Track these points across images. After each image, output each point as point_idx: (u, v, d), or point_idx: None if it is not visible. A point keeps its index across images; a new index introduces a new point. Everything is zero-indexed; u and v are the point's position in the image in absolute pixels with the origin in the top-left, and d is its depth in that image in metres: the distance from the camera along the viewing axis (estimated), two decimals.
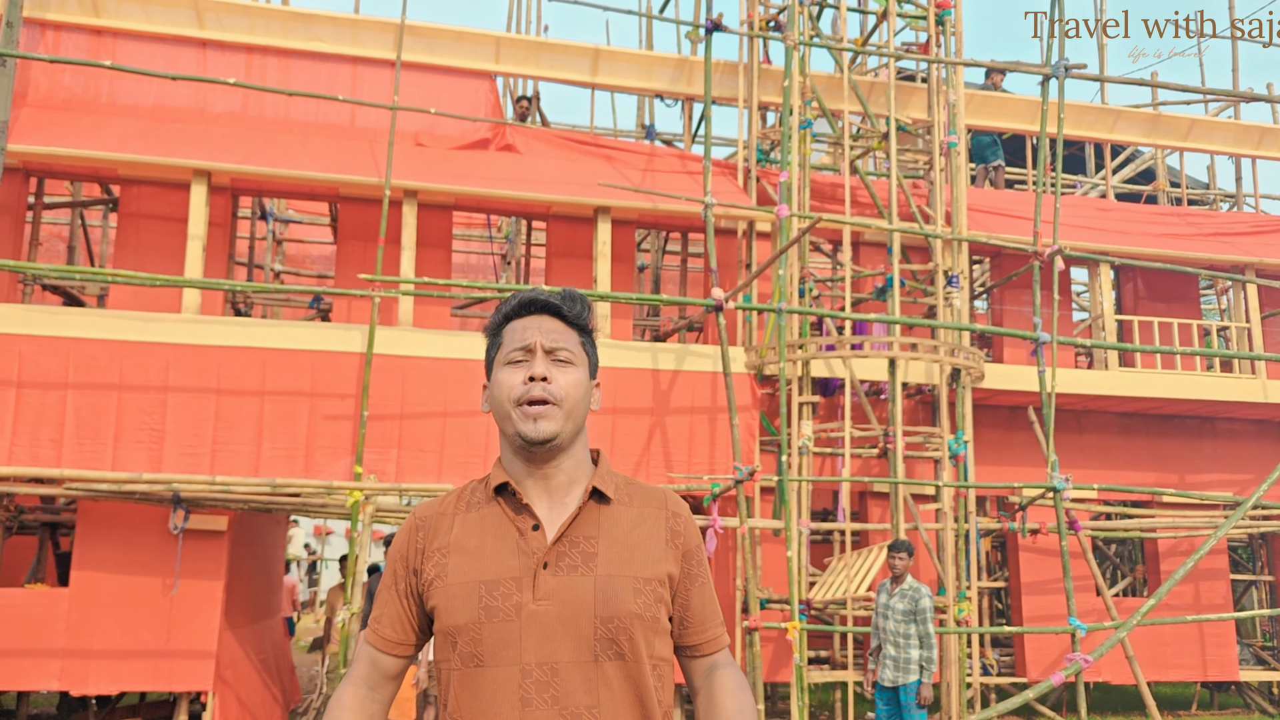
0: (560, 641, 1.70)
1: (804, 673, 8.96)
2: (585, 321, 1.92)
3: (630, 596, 1.74)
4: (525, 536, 1.77)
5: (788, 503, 9.21)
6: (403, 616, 1.85)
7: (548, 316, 1.88)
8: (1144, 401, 12.05)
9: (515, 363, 1.83)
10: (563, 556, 1.75)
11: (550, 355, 1.83)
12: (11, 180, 9.80)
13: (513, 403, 1.80)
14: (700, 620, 1.88)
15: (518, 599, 1.71)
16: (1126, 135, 13.39)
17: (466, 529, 1.81)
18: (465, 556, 1.77)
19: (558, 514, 1.80)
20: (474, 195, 10.29)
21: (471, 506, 1.85)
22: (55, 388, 8.98)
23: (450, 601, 1.74)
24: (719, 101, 11.77)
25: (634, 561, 1.78)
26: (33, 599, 9.19)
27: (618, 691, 1.71)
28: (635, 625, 1.73)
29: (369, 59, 11.02)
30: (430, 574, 1.79)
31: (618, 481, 1.89)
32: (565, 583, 1.73)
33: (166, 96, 10.53)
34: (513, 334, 1.87)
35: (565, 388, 1.81)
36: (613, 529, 1.80)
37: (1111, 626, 10.03)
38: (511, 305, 1.90)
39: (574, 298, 1.92)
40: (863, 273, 11.23)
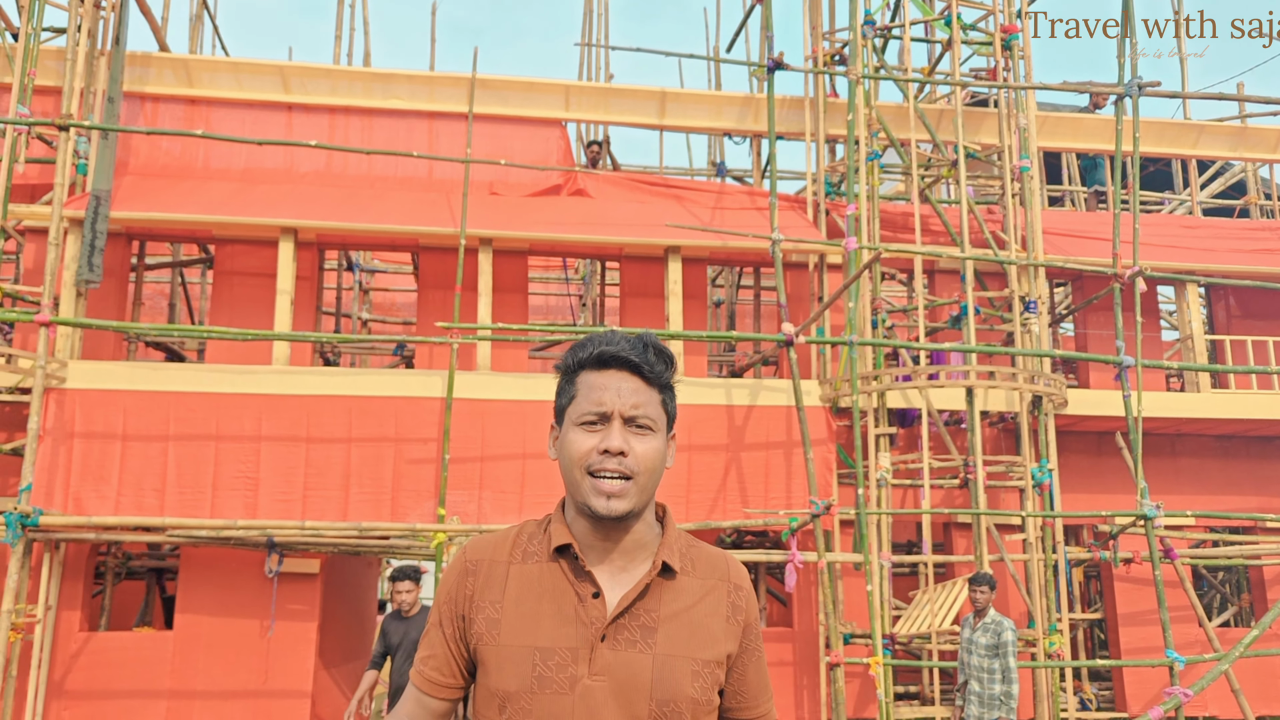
0: (612, 719, 1.63)
1: (889, 709, 8.85)
2: (668, 380, 1.78)
3: (688, 680, 1.67)
4: (585, 604, 1.68)
5: (866, 536, 9.15)
6: (450, 660, 1.77)
7: (627, 373, 1.73)
8: (1241, 423, 11.64)
9: (590, 424, 1.70)
10: (622, 630, 1.67)
11: (629, 423, 1.71)
12: (115, 244, 10.41)
13: (584, 470, 1.69)
14: (755, 696, 1.81)
15: (573, 671, 1.64)
16: (1211, 150, 13.05)
17: (524, 585, 1.72)
18: (520, 617, 1.69)
19: (621, 581, 1.71)
20: (547, 240, 10.57)
21: (528, 557, 1.76)
22: (158, 439, 9.46)
23: (502, 664, 1.67)
24: (786, 137, 11.88)
25: (694, 641, 1.70)
26: (141, 642, 9.64)
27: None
28: (689, 709, 1.67)
29: (445, 113, 11.43)
30: (481, 627, 1.72)
31: (682, 546, 1.79)
32: (623, 659, 1.65)
33: (256, 159, 11.08)
34: (588, 390, 1.73)
35: (643, 460, 1.70)
36: (674, 603, 1.72)
37: (1214, 659, 9.66)
38: (590, 355, 1.75)
39: (657, 352, 1.77)
40: (936, 301, 11.14)
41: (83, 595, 9.56)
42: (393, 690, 7.05)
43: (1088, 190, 13.88)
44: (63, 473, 9.22)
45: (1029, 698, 9.87)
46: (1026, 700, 9.93)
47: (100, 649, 9.41)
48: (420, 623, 7.04)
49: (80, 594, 9.51)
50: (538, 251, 11.22)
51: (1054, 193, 15.68)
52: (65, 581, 9.40)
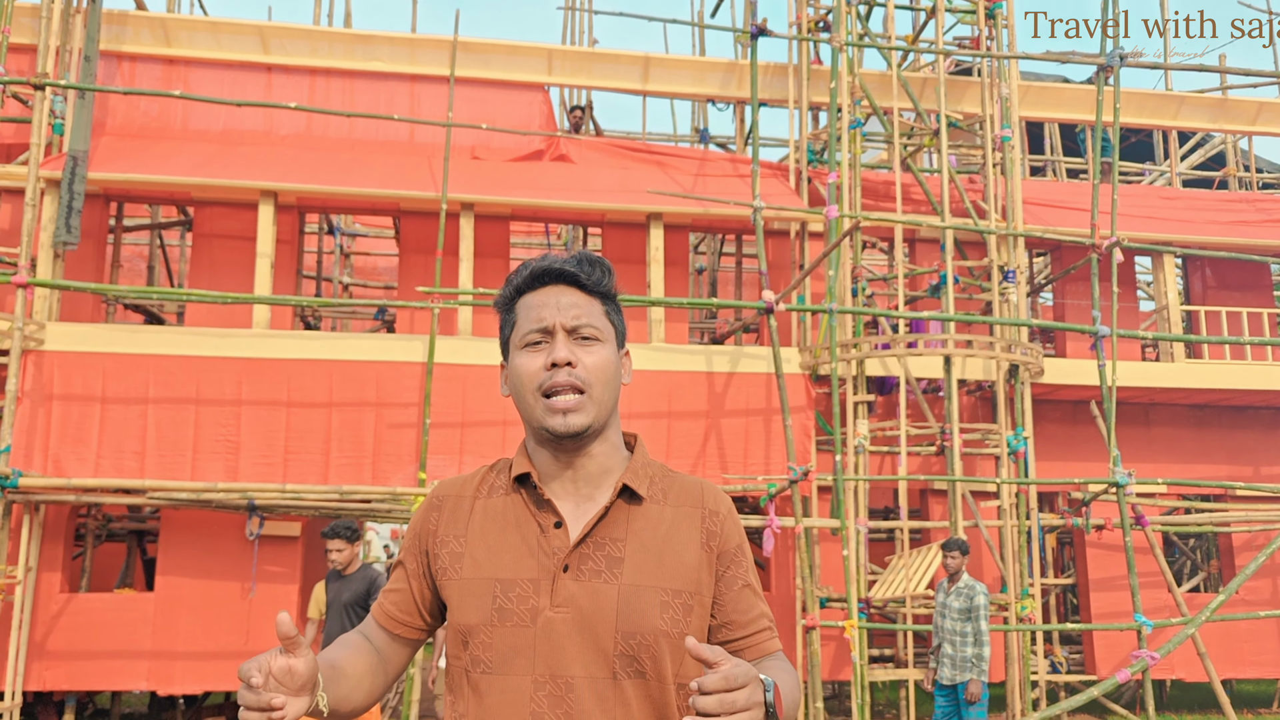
0: (577, 654, 1.55)
1: (864, 671, 9.01)
2: (608, 288, 1.72)
3: (657, 611, 1.57)
4: (546, 534, 1.61)
5: (843, 502, 9.27)
6: (410, 597, 1.71)
7: (565, 287, 1.68)
8: (1215, 393, 11.80)
9: (533, 345, 1.65)
10: (585, 560, 1.59)
11: (573, 334, 1.64)
12: (93, 206, 10.32)
13: (536, 392, 1.62)
14: (744, 623, 1.67)
15: (534, 603, 1.57)
16: (1191, 121, 13.12)
17: (487, 518, 1.67)
18: (482, 550, 1.63)
19: (584, 510, 1.64)
20: (529, 206, 10.54)
21: (494, 491, 1.70)
22: (137, 402, 9.44)
23: (464, 597, 1.61)
24: (770, 104, 11.86)
25: (664, 570, 1.60)
26: (122, 603, 9.67)
27: (636, 712, 1.55)
28: (661, 643, 1.56)
29: (426, 76, 11.35)
30: (444, 561, 1.66)
31: (653, 474, 1.70)
32: (587, 590, 1.57)
33: (235, 120, 10.98)
34: (527, 311, 1.68)
35: (593, 370, 1.63)
36: (643, 531, 1.63)
37: (1181, 623, 9.86)
38: (523, 277, 1.70)
39: (592, 261, 1.71)
40: (917, 270, 11.21)
41: (63, 557, 9.57)
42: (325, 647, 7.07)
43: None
44: (42, 435, 9.20)
45: (1000, 660, 10.06)
46: (998, 662, 10.12)
47: (81, 610, 9.44)
48: (354, 581, 6.84)
49: (61, 556, 9.52)
50: (520, 217, 11.20)
51: (1035, 162, 15.74)
52: (45, 543, 9.41)
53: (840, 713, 11.45)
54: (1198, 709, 12.21)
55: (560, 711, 1.53)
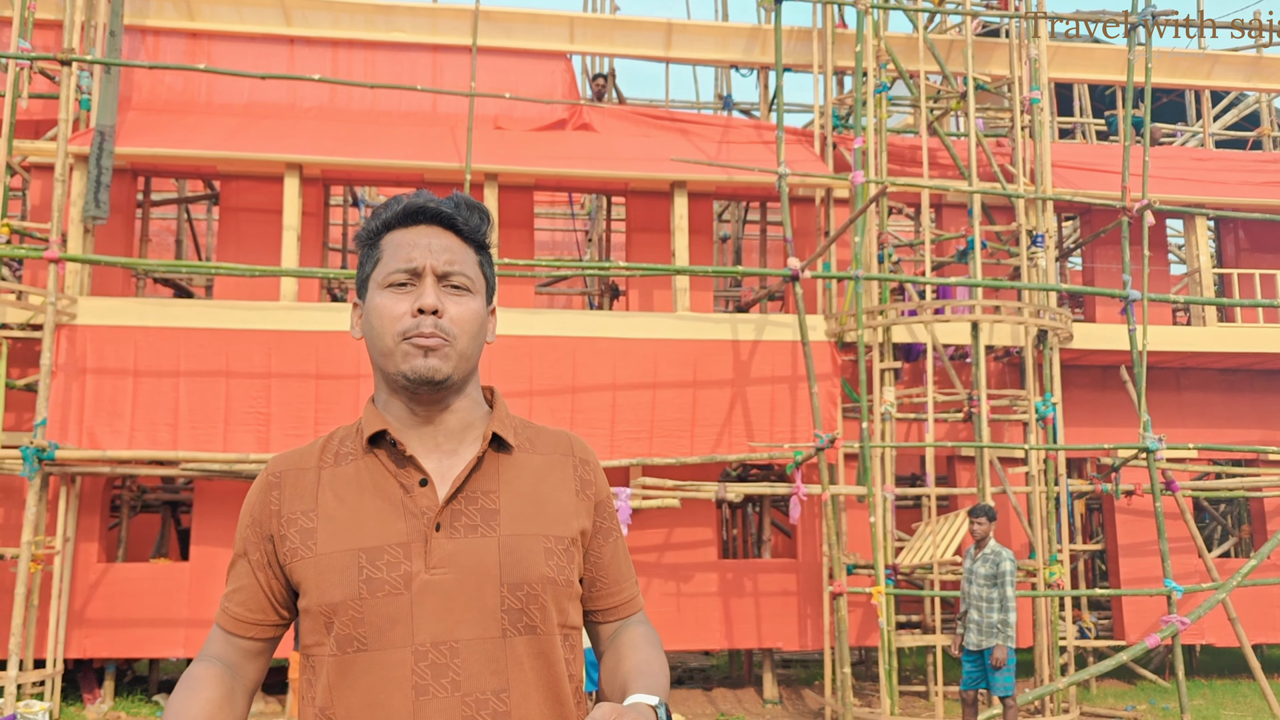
0: (461, 616, 1.43)
1: (891, 637, 9.04)
2: (483, 237, 1.59)
3: (541, 558, 1.47)
4: (411, 494, 1.47)
5: (870, 469, 9.26)
6: (258, 592, 1.52)
7: (439, 229, 1.54)
8: (1246, 357, 11.66)
9: (398, 285, 1.50)
10: (459, 515, 1.46)
11: (443, 280, 1.51)
12: (121, 180, 10.41)
13: (396, 337, 1.48)
14: (615, 580, 1.62)
15: (406, 568, 1.43)
16: (1225, 80, 12.88)
17: (338, 486, 1.50)
18: (338, 521, 1.47)
19: (449, 465, 1.51)
20: (552, 175, 10.53)
21: (341, 459, 1.53)
22: (169, 375, 9.56)
23: (322, 575, 1.44)
24: (794, 69, 11.75)
25: (543, 517, 1.51)
26: (158, 573, 9.85)
27: (529, 670, 1.45)
28: (548, 591, 1.47)
29: (448, 46, 11.31)
30: (294, 542, 1.48)
31: (517, 425, 1.60)
32: (464, 546, 1.45)
33: (259, 93, 11.01)
34: (395, 249, 1.52)
35: (460, 322, 1.50)
36: (515, 480, 1.53)
37: (1211, 588, 9.82)
38: (394, 212, 1.55)
39: (471, 206, 1.58)
40: (943, 236, 11.11)
41: (100, 528, 9.75)
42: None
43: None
44: (76, 408, 9.34)
45: (1028, 626, 10.06)
46: (1026, 628, 10.13)
47: (118, 580, 9.62)
48: None
49: (97, 526, 9.70)
50: (543, 186, 11.19)
51: (1064, 125, 15.51)
52: (82, 514, 9.58)
53: (867, 678, 11.51)
54: (1228, 674, 12.18)
55: (446, 680, 1.41)
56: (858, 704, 9.95)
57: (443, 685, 1.41)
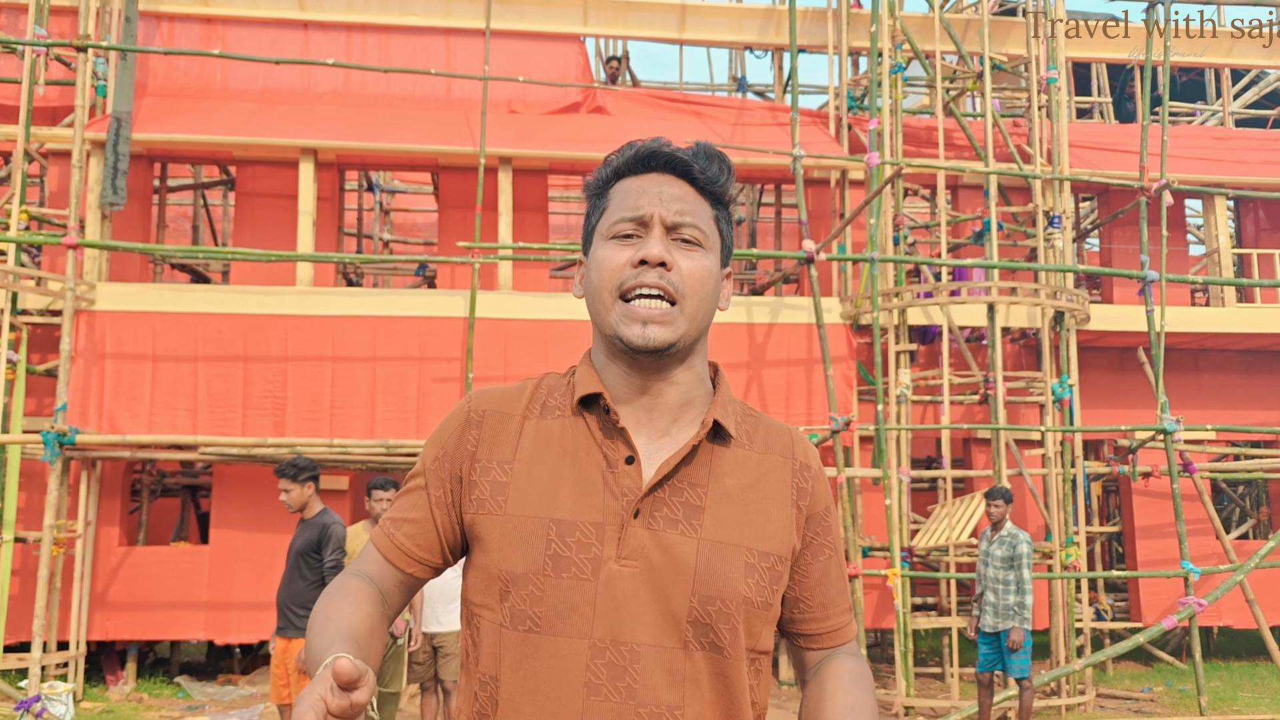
0: (643, 617, 1.29)
1: (907, 619, 9.05)
2: (723, 189, 1.42)
3: (741, 574, 1.31)
4: (615, 470, 1.33)
5: (885, 451, 9.25)
6: (433, 529, 1.40)
7: (673, 177, 1.40)
8: (1266, 338, 11.57)
9: (623, 237, 1.36)
10: (661, 505, 1.32)
11: (673, 232, 1.36)
12: (137, 166, 10.45)
13: (614, 292, 1.34)
14: (823, 604, 1.43)
15: (597, 551, 1.30)
16: (1244, 58, 12.72)
17: (541, 444, 1.37)
18: (534, 483, 1.34)
19: (662, 446, 1.36)
20: (566, 159, 10.52)
21: (548, 411, 1.40)
22: (187, 360, 9.62)
23: (507, 538, 1.32)
24: (809, 50, 11.68)
25: (749, 527, 1.34)
26: (178, 556, 9.95)
27: (707, 690, 1.30)
28: (742, 612, 1.31)
29: (461, 29, 11.30)
30: (484, 492, 1.36)
31: (738, 412, 1.43)
32: (661, 541, 1.30)
33: (273, 79, 11.03)
34: (624, 196, 1.39)
35: (690, 280, 1.34)
36: (727, 478, 1.36)
37: (1229, 570, 9.79)
38: (625, 158, 1.42)
39: (710, 154, 1.42)
40: (960, 217, 11.05)
41: (120, 512, 9.85)
42: (277, 608, 5.90)
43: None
44: (96, 393, 9.42)
45: (1044, 608, 10.05)
46: (1042, 610, 10.12)
47: (139, 563, 9.72)
48: (308, 528, 5.85)
49: (118, 510, 9.80)
50: (557, 170, 11.18)
51: (1082, 104, 15.37)
52: (103, 499, 9.68)
53: (883, 660, 11.53)
54: (1246, 656, 12.15)
55: (622, 685, 1.27)
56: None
57: (617, 689, 1.27)
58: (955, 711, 8.45)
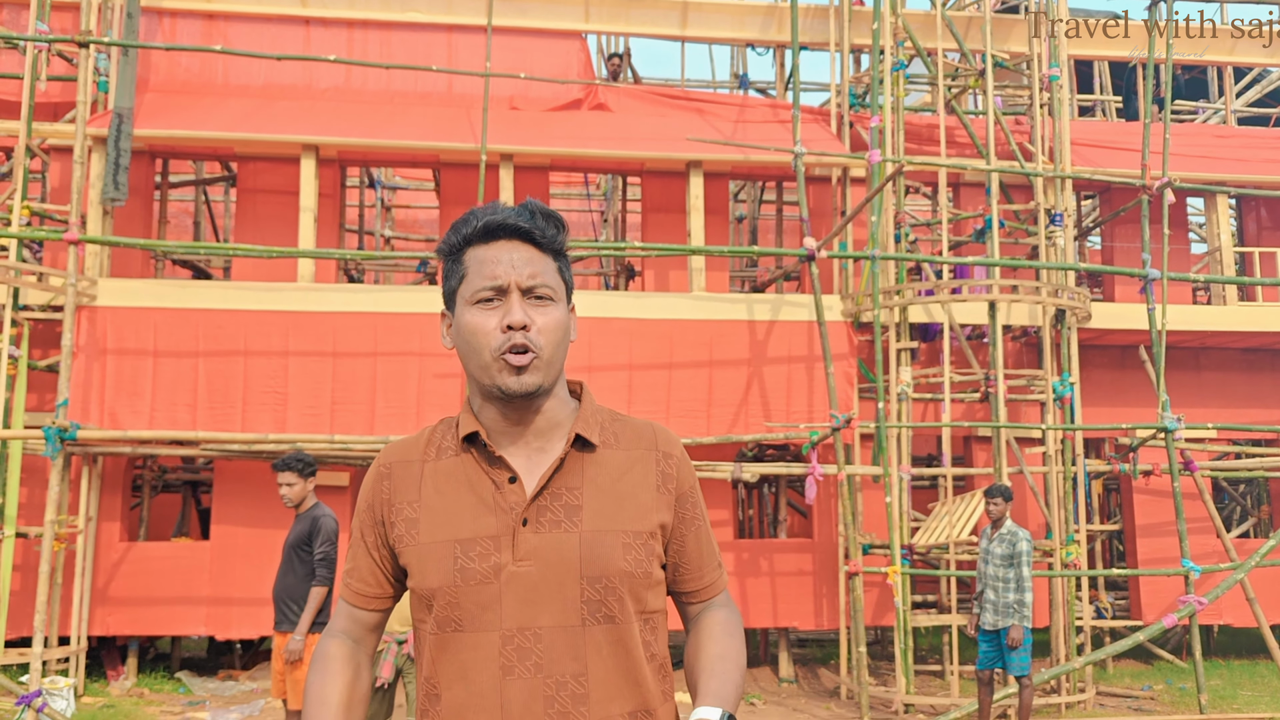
0: (544, 605, 1.56)
1: (907, 617, 9.05)
2: (561, 244, 1.67)
3: (619, 554, 1.59)
4: (502, 490, 1.60)
5: (886, 449, 9.25)
6: (375, 570, 1.70)
7: (518, 242, 1.63)
8: (1267, 336, 11.57)
9: (486, 302, 1.61)
10: (544, 511, 1.59)
11: (527, 295, 1.61)
12: (139, 162, 10.45)
13: (493, 352, 1.59)
14: (697, 566, 1.73)
15: (496, 559, 1.57)
16: (1246, 56, 12.70)
17: (439, 481, 1.65)
18: (438, 513, 1.62)
19: (537, 463, 1.63)
20: (568, 156, 10.52)
21: (442, 454, 1.67)
22: (188, 356, 9.63)
23: (423, 562, 1.60)
24: (811, 47, 11.67)
25: (623, 514, 1.62)
26: (179, 552, 9.96)
27: (607, 656, 1.58)
28: (625, 585, 1.59)
29: (463, 26, 11.29)
30: (401, 529, 1.64)
31: (602, 420, 1.71)
32: (548, 541, 1.58)
33: (275, 75, 11.02)
34: (480, 265, 1.62)
35: (547, 332, 1.61)
36: (598, 477, 1.64)
37: (1229, 568, 9.79)
38: (474, 229, 1.64)
39: (546, 215, 1.66)
40: (961, 215, 11.04)
41: (121, 507, 9.86)
42: (274, 602, 5.99)
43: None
44: (97, 388, 9.43)
45: (1045, 606, 10.05)
46: (1042, 608, 10.12)
47: (140, 559, 9.73)
48: (300, 522, 5.93)
49: (119, 506, 9.81)
50: (559, 167, 11.18)
51: (1084, 102, 15.36)
52: (104, 494, 9.69)
53: (883, 658, 11.54)
54: (1246, 655, 12.14)
55: (530, 663, 1.55)
56: (873, 683, 9.98)
57: (526, 667, 1.55)
58: (955, 709, 8.45)
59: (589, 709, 1.56)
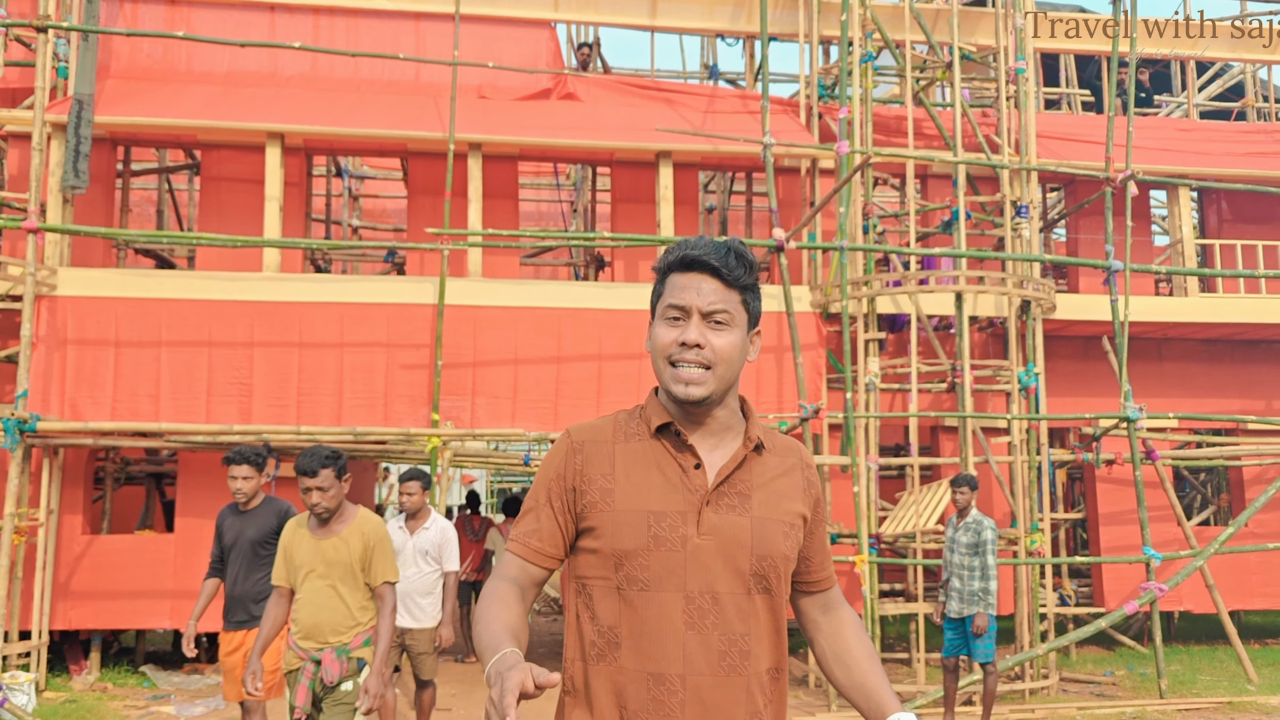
0: (719, 574, 1.86)
1: (874, 605, 9.12)
2: (747, 282, 1.94)
3: (780, 538, 1.92)
4: (688, 474, 1.90)
5: (854, 439, 9.30)
6: (557, 531, 1.95)
7: (708, 275, 1.91)
8: (1227, 327, 11.74)
9: (672, 320, 1.91)
10: (722, 496, 1.90)
11: (707, 319, 1.89)
12: (100, 150, 10.29)
13: (665, 360, 1.90)
14: (821, 561, 2.08)
15: (683, 531, 1.86)
16: (1209, 49, 12.86)
17: (631, 459, 1.92)
18: (632, 486, 1.89)
19: (716, 458, 1.93)
20: (537, 146, 10.46)
21: (631, 437, 1.96)
22: (150, 346, 9.50)
23: (619, 526, 1.87)
24: (780, 38, 11.68)
25: (781, 506, 1.94)
26: (143, 545, 9.84)
27: (764, 621, 1.90)
28: (783, 564, 1.92)
29: (431, 14, 11.19)
30: (594, 496, 1.90)
31: (763, 431, 2.01)
32: (726, 520, 1.88)
33: (239, 62, 10.88)
34: (673, 288, 1.93)
35: (719, 352, 1.89)
36: (762, 475, 1.95)
37: (1189, 555, 9.95)
38: (674, 259, 1.95)
39: (737, 256, 1.93)
40: (928, 206, 11.11)
41: (84, 500, 9.72)
42: (230, 601, 5.69)
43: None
44: (58, 379, 9.28)
45: (1009, 593, 10.17)
46: (1007, 596, 10.23)
47: (103, 552, 9.60)
48: (259, 516, 5.66)
49: (81, 499, 9.66)
50: (528, 157, 11.12)
51: (1050, 95, 15.50)
52: (65, 487, 9.54)
53: None
54: (1205, 640, 12.35)
55: (709, 621, 1.85)
56: None
57: (707, 624, 1.86)
58: (921, 696, 8.54)
59: (749, 664, 1.87)
